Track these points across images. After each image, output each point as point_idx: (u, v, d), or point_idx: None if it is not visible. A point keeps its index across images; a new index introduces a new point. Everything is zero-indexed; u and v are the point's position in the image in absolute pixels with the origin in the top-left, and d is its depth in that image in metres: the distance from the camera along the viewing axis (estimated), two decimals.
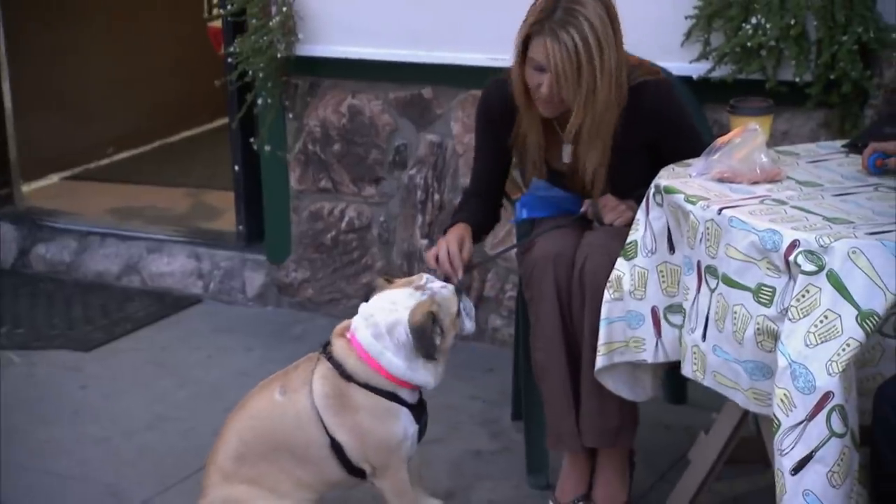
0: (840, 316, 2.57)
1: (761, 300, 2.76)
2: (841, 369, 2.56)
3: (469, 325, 3.28)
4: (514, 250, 3.88)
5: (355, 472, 3.16)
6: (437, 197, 4.80)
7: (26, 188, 6.06)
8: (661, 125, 3.53)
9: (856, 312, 2.56)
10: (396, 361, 3.02)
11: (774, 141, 3.32)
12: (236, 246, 5.36)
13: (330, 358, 3.07)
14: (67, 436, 4.07)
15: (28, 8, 5.99)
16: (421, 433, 3.23)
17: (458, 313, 3.20)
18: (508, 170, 3.80)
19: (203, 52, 6.87)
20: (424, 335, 3.01)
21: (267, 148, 5.01)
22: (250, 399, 3.27)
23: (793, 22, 3.90)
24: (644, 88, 3.50)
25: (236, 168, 5.34)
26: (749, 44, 3.94)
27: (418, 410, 3.19)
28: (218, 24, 6.77)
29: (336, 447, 3.09)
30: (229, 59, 4.96)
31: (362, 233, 4.99)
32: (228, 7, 4.94)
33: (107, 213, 5.86)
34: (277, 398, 3.13)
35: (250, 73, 4.83)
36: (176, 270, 5.42)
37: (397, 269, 4.94)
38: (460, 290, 3.27)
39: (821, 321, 2.61)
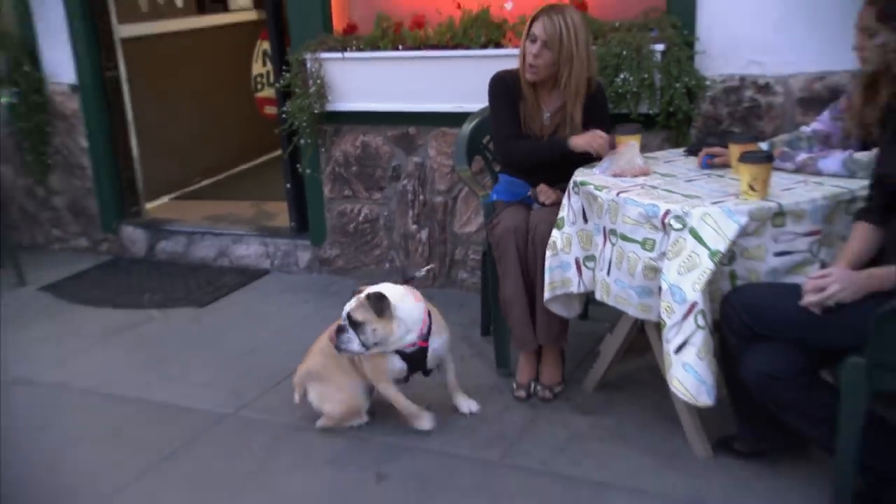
0: (699, 255, 2.71)
1: (646, 248, 2.89)
2: (701, 288, 2.68)
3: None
4: (485, 226, 3.78)
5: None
6: (421, 197, 4.78)
7: (148, 206, 6.02)
8: (599, 112, 3.58)
9: (708, 252, 2.69)
10: None
11: (645, 148, 3.41)
12: (290, 235, 5.32)
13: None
14: (196, 362, 4.08)
15: (144, 85, 5.90)
16: (415, 370, 3.25)
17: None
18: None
19: (253, 112, 6.85)
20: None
21: (308, 171, 4.98)
22: (326, 332, 3.33)
23: (646, 76, 3.92)
24: (599, 85, 3.61)
25: (287, 185, 5.29)
26: (620, 90, 3.96)
27: (414, 357, 3.20)
28: (262, 94, 6.77)
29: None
30: (283, 115, 4.89)
31: (373, 223, 4.97)
32: (280, 82, 4.90)
33: (203, 219, 5.83)
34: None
35: (296, 123, 4.78)
36: (252, 254, 5.39)
37: (397, 245, 4.93)
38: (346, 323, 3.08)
39: (687, 259, 2.73)
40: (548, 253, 3.32)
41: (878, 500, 2.66)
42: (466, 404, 3.43)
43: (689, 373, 2.74)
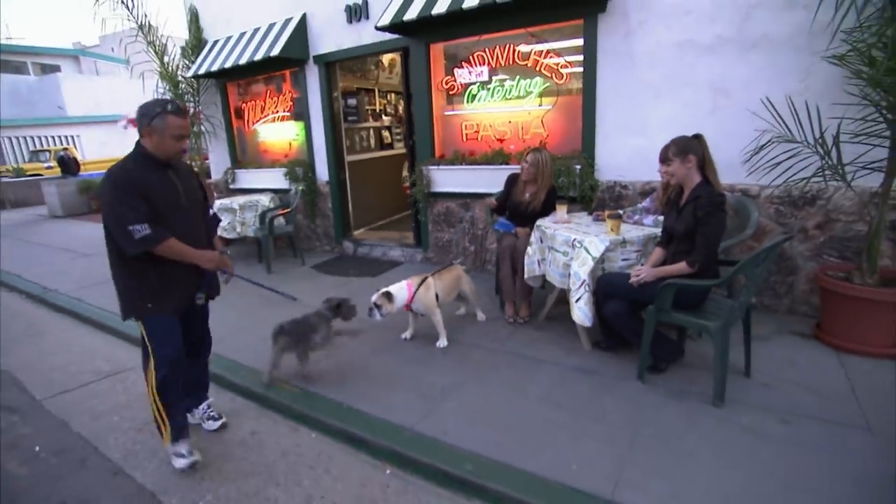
0: (587, 259, 2.69)
1: (565, 255, 2.86)
2: (587, 272, 2.67)
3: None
4: (496, 242, 3.76)
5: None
6: (471, 231, 4.71)
7: (356, 232, 5.97)
8: (551, 196, 3.49)
9: (591, 257, 2.68)
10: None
11: (569, 212, 3.41)
12: (413, 247, 5.23)
13: (424, 279, 3.12)
14: (368, 296, 4.06)
15: (357, 182, 5.88)
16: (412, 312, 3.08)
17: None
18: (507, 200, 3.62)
19: (401, 192, 6.78)
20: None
21: (422, 218, 4.94)
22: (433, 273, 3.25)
23: (573, 179, 3.87)
24: (553, 185, 3.55)
25: (413, 224, 5.22)
26: (561, 185, 3.88)
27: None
28: (405, 185, 6.69)
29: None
30: (411, 194, 4.91)
31: (450, 242, 4.89)
32: (409, 181, 4.94)
33: (377, 238, 5.72)
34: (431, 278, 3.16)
35: (417, 197, 4.80)
36: (397, 254, 5.31)
37: (460, 253, 4.81)
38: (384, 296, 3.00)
39: (581, 261, 2.72)
40: (525, 258, 3.31)
41: (656, 366, 2.69)
42: (440, 342, 3.14)
43: (581, 311, 2.77)
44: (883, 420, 2.22)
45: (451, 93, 4.66)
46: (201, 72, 5.79)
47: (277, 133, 6.14)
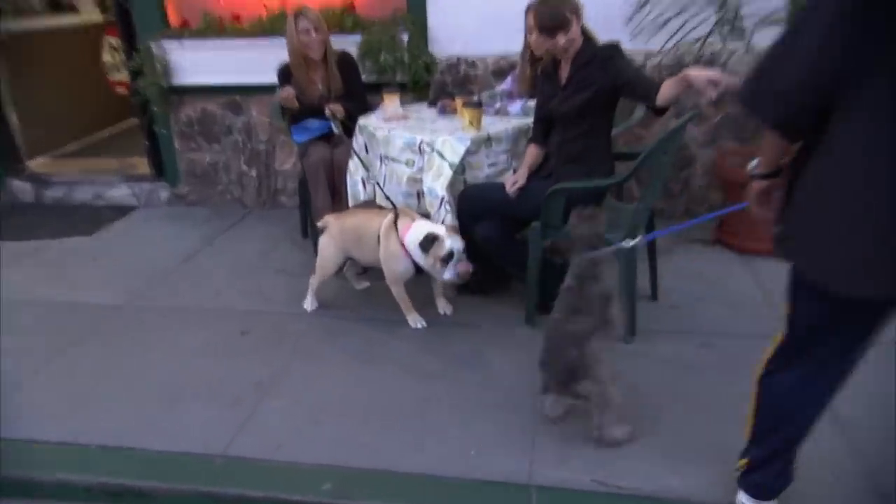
0: (443, 167, 2.85)
1: (408, 165, 2.99)
2: (445, 187, 2.84)
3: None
4: (299, 160, 3.78)
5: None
6: (248, 146, 4.55)
7: (32, 163, 5.33)
8: (345, 64, 3.64)
9: (448, 164, 2.84)
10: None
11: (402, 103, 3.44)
12: (151, 179, 4.90)
13: (395, 220, 2.81)
14: (92, 273, 3.73)
15: (21, 62, 5.25)
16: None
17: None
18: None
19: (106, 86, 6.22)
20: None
21: (161, 131, 4.62)
22: (357, 213, 3.08)
23: (395, 55, 3.95)
24: (345, 58, 3.64)
25: (146, 143, 4.79)
26: (383, 65, 3.94)
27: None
28: (113, 77, 6.22)
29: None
30: (137, 91, 4.46)
31: (216, 167, 4.68)
32: (131, 67, 4.48)
33: (78, 172, 5.20)
34: (368, 218, 2.95)
35: (149, 96, 4.41)
36: (123, 194, 4.91)
37: (235, 182, 4.69)
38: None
39: (436, 171, 2.87)
40: (347, 175, 3.36)
41: (545, 305, 2.84)
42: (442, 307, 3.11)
43: None
44: None
45: None
46: None
47: None
